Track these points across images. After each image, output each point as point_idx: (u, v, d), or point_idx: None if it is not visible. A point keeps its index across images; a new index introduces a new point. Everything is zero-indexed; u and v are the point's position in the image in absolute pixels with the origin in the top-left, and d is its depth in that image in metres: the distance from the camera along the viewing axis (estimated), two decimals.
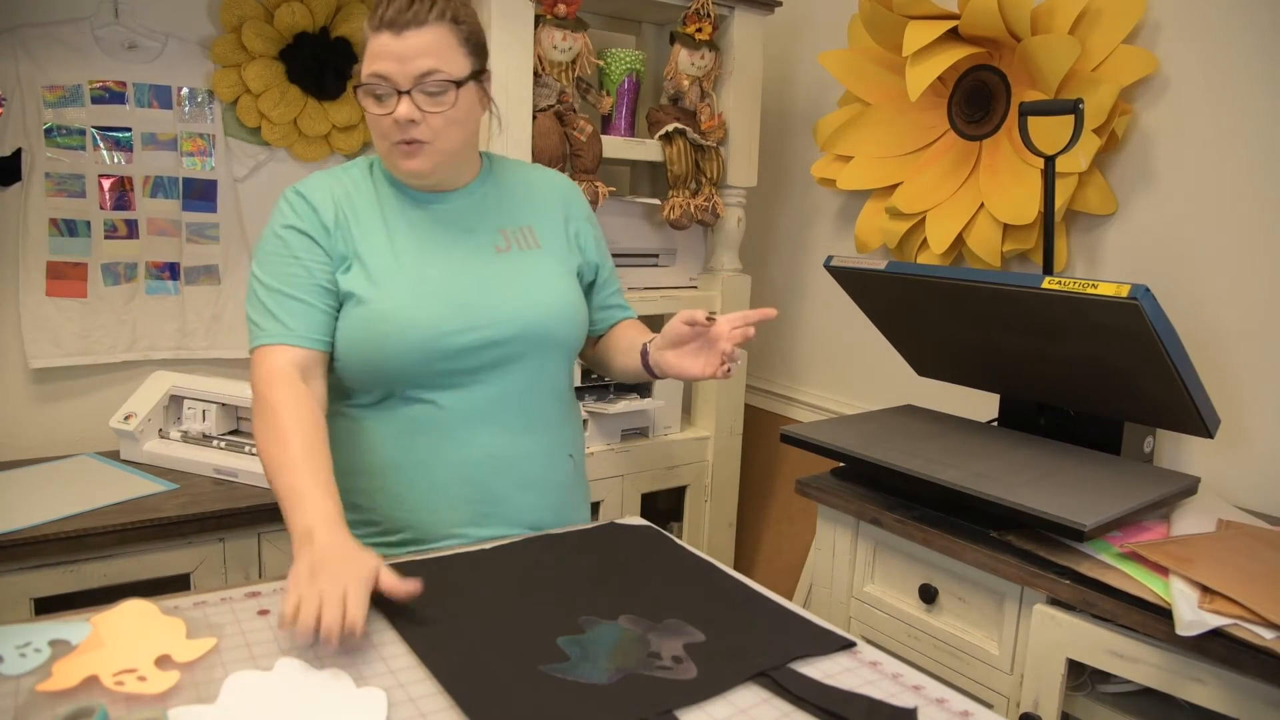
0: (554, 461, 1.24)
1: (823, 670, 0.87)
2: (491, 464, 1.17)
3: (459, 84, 1.09)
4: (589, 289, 1.33)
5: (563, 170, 1.83)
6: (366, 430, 1.17)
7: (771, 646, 0.90)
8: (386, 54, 1.07)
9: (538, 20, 1.78)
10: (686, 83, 1.99)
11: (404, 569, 1.04)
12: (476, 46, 1.14)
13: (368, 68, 1.09)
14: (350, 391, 1.18)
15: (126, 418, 1.79)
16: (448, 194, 1.20)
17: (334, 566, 0.88)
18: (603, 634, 0.90)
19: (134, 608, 0.90)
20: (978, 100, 1.78)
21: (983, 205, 1.74)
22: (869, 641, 1.11)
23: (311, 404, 1.06)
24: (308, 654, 0.85)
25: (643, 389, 2.09)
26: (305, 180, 1.18)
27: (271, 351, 1.09)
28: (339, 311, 1.14)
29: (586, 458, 1.96)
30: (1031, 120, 1.52)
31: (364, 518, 1.18)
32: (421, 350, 1.11)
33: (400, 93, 1.07)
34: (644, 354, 1.23)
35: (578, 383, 1.95)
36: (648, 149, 1.98)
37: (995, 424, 1.63)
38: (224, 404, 1.84)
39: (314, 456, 1.01)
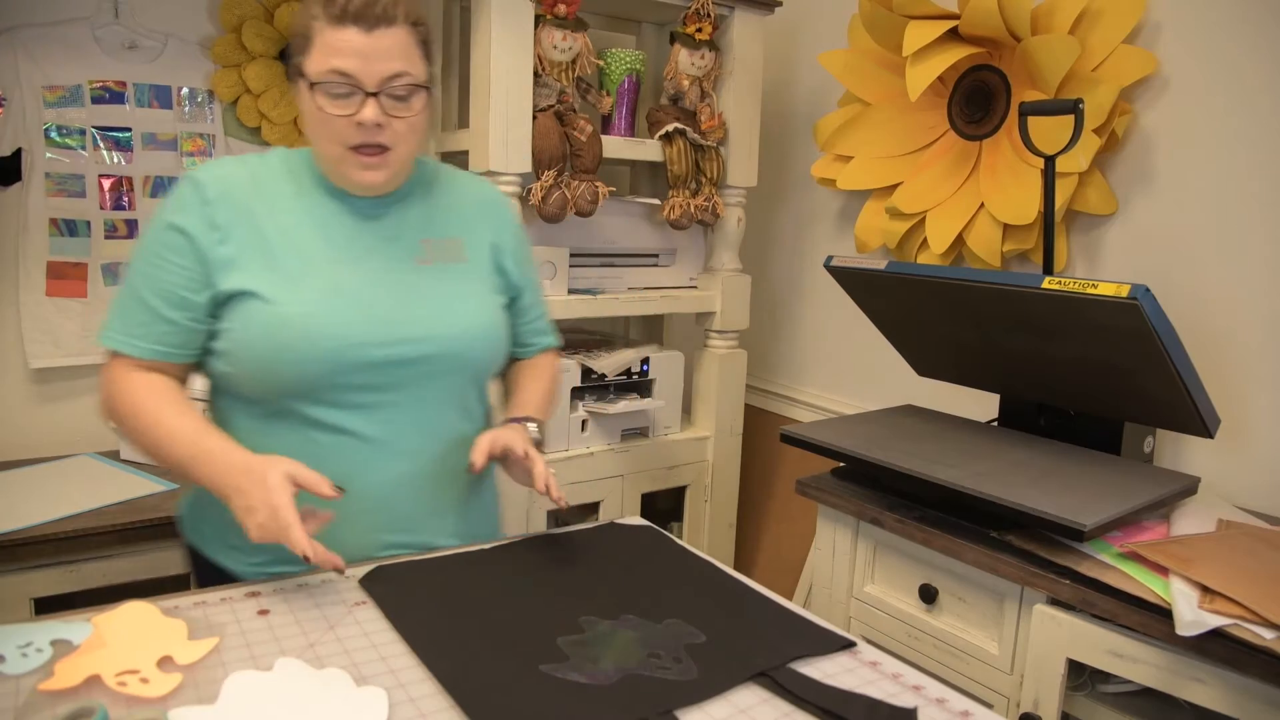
0: (467, 482, 1.16)
1: (823, 670, 0.87)
2: (404, 490, 1.09)
3: (426, 89, 1.04)
4: (511, 308, 1.23)
5: (562, 170, 1.83)
6: (261, 448, 1.00)
7: (771, 646, 0.90)
8: (352, 51, 0.98)
9: (538, 20, 1.78)
10: (686, 83, 1.99)
11: (402, 569, 1.04)
12: (429, 51, 1.07)
13: (325, 63, 0.98)
14: (243, 401, 1.07)
15: None
16: (375, 199, 1.10)
17: (259, 498, 0.92)
18: (603, 634, 0.90)
19: (135, 609, 0.90)
20: (978, 100, 1.78)
21: (983, 205, 1.74)
22: (869, 641, 1.11)
23: (158, 378, 1.03)
24: (307, 653, 0.85)
25: (642, 389, 2.09)
26: (210, 166, 1.08)
27: (117, 362, 1.04)
28: (211, 316, 1.04)
29: (588, 458, 1.99)
30: (1031, 120, 1.52)
31: (258, 545, 0.98)
32: (329, 362, 1.02)
33: (367, 94, 0.99)
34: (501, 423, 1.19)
35: (577, 382, 1.95)
36: (648, 149, 1.98)
37: (995, 424, 1.63)
38: None
39: (183, 414, 1.01)
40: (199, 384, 1.15)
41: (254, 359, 1.02)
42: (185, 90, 1.94)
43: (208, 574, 1.12)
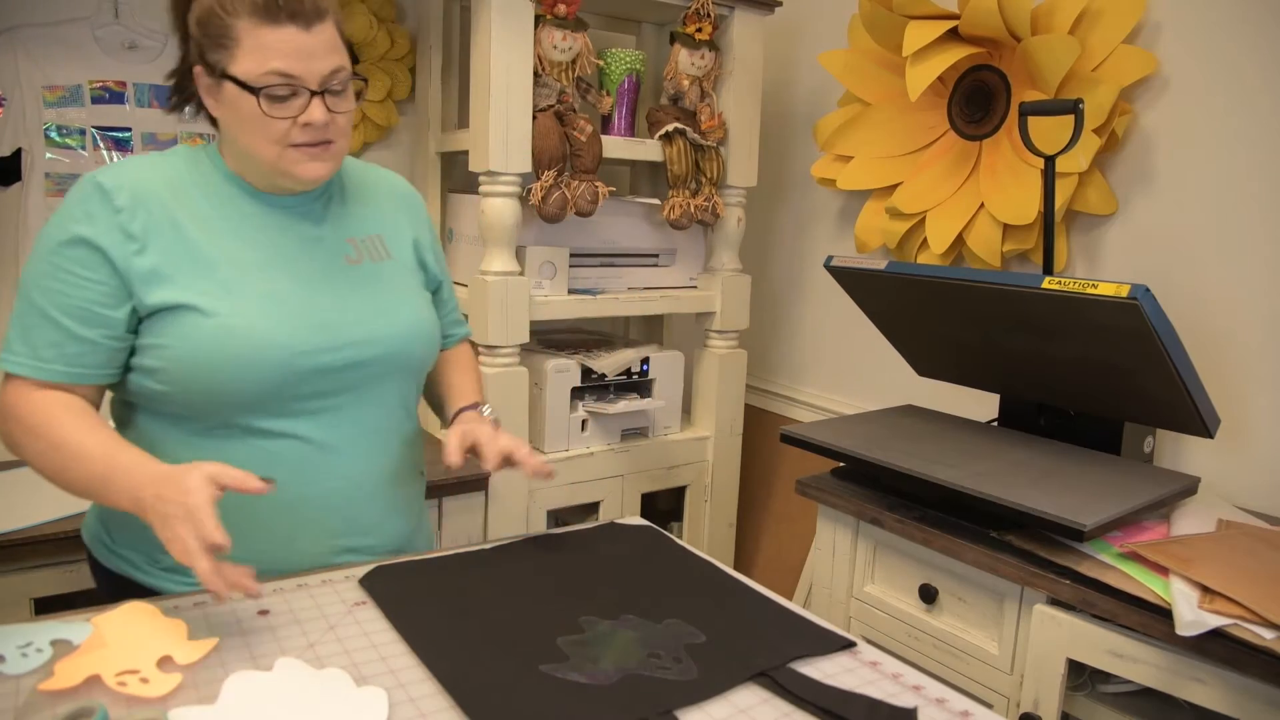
0: (412, 480, 1.16)
1: (823, 670, 0.87)
2: (358, 492, 1.07)
3: (359, 79, 1.02)
4: (435, 297, 1.23)
5: (562, 170, 1.83)
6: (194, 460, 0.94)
7: (771, 646, 0.90)
8: (292, 50, 0.93)
9: (538, 20, 1.78)
10: (686, 83, 1.99)
11: (402, 569, 1.04)
12: (346, 40, 1.03)
13: (263, 65, 0.93)
14: (175, 418, 1.01)
15: None
16: (291, 197, 1.05)
17: (177, 502, 0.83)
18: (603, 634, 0.91)
19: (135, 608, 0.90)
20: (978, 100, 1.78)
21: (983, 205, 1.74)
22: (869, 641, 1.11)
23: (63, 395, 0.95)
24: (307, 653, 0.85)
25: (642, 389, 2.09)
26: (114, 169, 0.99)
27: (16, 383, 0.96)
28: (131, 332, 0.98)
29: (588, 458, 1.99)
30: (1031, 120, 1.52)
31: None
32: (279, 372, 0.98)
33: (313, 94, 0.95)
34: (452, 417, 1.19)
35: (577, 382, 1.95)
36: (648, 149, 1.98)
37: (995, 424, 1.63)
38: None
39: (94, 431, 0.93)
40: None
41: (196, 375, 0.96)
42: None
43: (113, 594, 1.04)
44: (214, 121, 1.05)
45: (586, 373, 1.96)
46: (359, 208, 1.13)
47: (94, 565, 1.11)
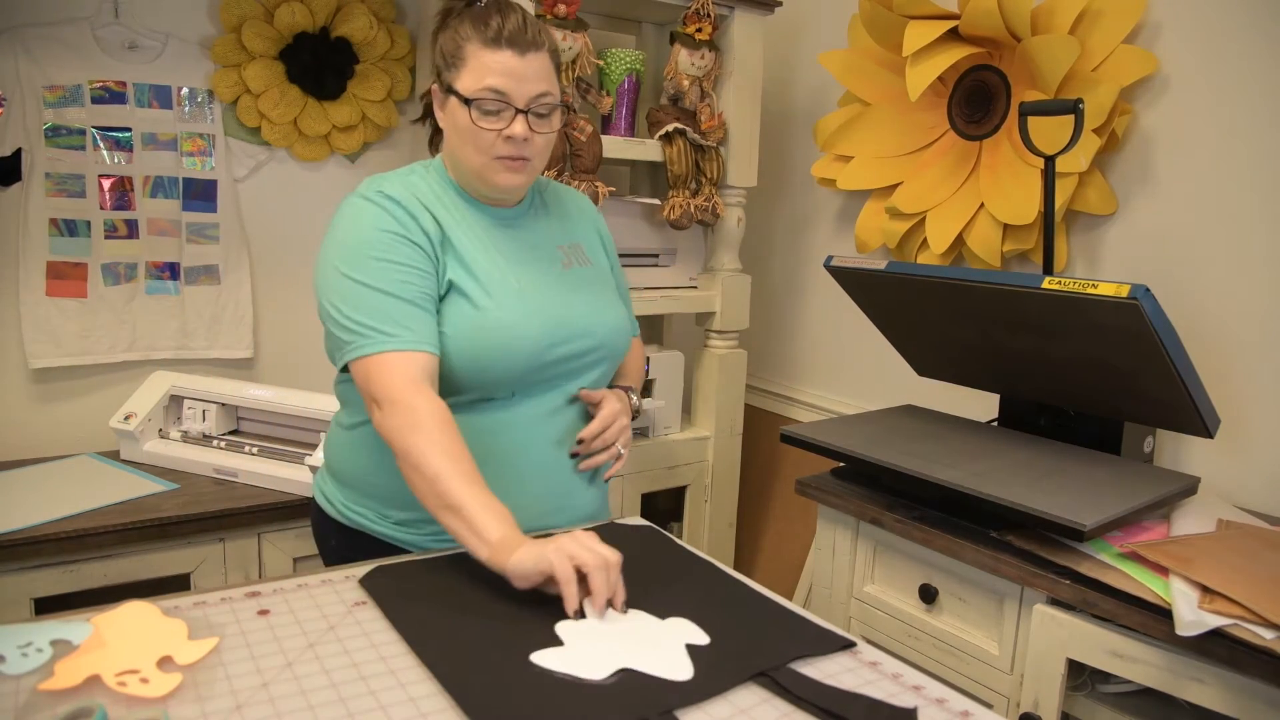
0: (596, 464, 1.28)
1: (823, 670, 0.87)
2: (563, 460, 1.21)
3: (563, 107, 1.15)
4: None
5: (562, 170, 1.83)
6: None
7: (771, 646, 0.90)
8: (506, 71, 1.08)
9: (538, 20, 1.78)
10: (686, 83, 1.99)
11: (404, 569, 1.04)
12: (559, 74, 1.18)
13: (479, 81, 1.08)
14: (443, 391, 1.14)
15: (126, 418, 1.79)
16: (510, 210, 1.22)
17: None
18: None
19: (135, 609, 0.90)
20: (978, 100, 1.78)
21: (983, 205, 1.74)
22: (869, 641, 1.11)
23: (450, 417, 1.06)
24: (307, 653, 0.85)
25: (642, 389, 2.09)
26: (384, 183, 1.14)
27: (400, 358, 1.06)
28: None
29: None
30: (1031, 120, 1.52)
31: (424, 515, 1.10)
32: (526, 360, 1.13)
33: (517, 111, 1.09)
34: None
35: None
36: (648, 149, 1.98)
37: (995, 424, 1.63)
38: (224, 404, 1.84)
39: (476, 473, 1.03)
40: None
41: (464, 358, 1.11)
42: (185, 90, 1.94)
43: (361, 550, 1.16)
44: (438, 134, 1.23)
45: None
46: (560, 220, 1.29)
47: (325, 524, 1.24)
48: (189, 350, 2.01)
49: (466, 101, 1.09)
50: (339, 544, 1.23)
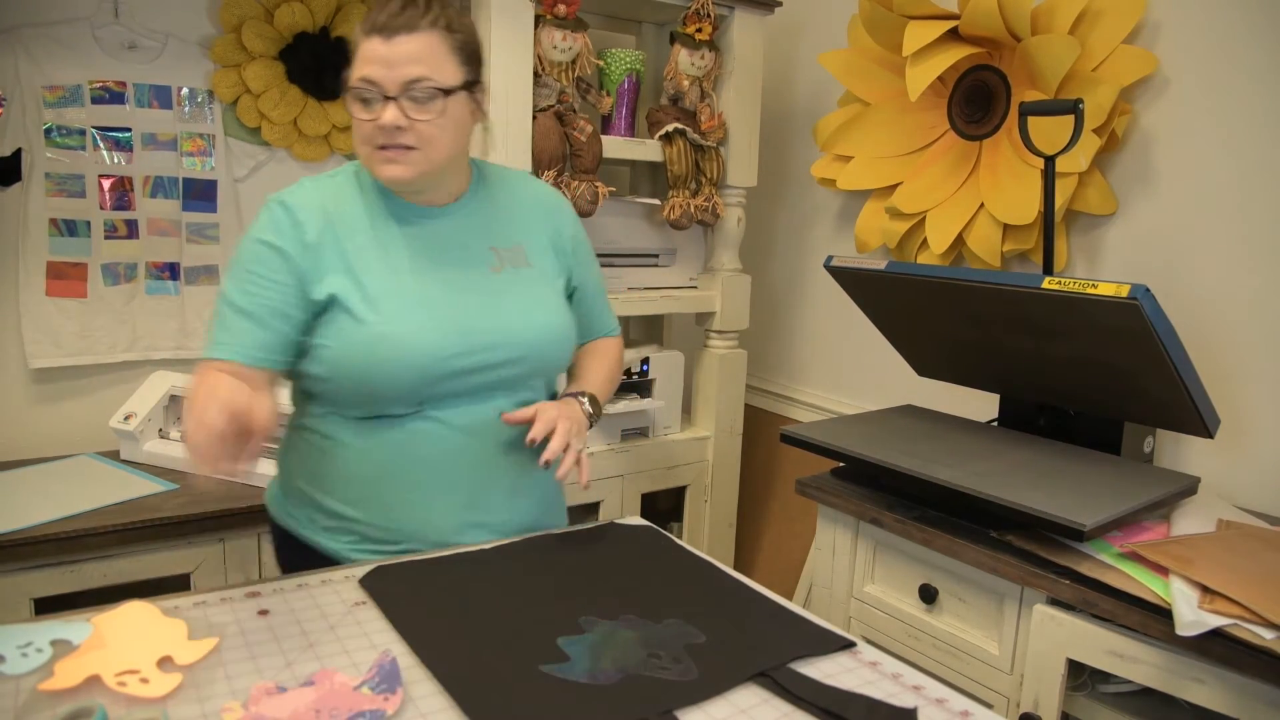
0: (538, 468, 1.19)
1: (823, 670, 0.87)
2: (482, 474, 1.17)
3: (447, 92, 1.07)
4: (571, 301, 1.30)
5: (562, 170, 1.83)
6: (355, 441, 1.14)
7: (771, 646, 0.90)
8: (375, 59, 1.05)
9: (538, 20, 1.78)
10: (686, 83, 1.99)
11: (404, 569, 1.04)
12: (470, 56, 1.12)
13: (357, 72, 1.07)
14: (338, 404, 1.14)
15: (126, 418, 1.79)
16: (439, 208, 1.17)
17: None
18: (603, 634, 0.90)
19: (135, 609, 0.90)
20: (978, 100, 1.78)
21: (983, 205, 1.74)
22: (869, 641, 1.11)
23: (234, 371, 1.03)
24: (307, 653, 0.85)
25: (642, 389, 2.09)
26: (293, 190, 1.15)
27: (212, 365, 1.05)
28: (306, 329, 1.11)
29: (588, 458, 1.98)
30: (1031, 120, 1.52)
31: (348, 526, 1.15)
32: (421, 374, 1.09)
33: (387, 98, 1.05)
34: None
35: None
36: (648, 149, 1.98)
37: (995, 424, 1.63)
38: None
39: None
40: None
41: (350, 374, 1.09)
42: (185, 90, 1.94)
43: (296, 554, 1.19)
44: None
45: None
46: (504, 218, 1.23)
47: (273, 525, 1.25)
48: (189, 350, 2.01)
49: (347, 93, 1.08)
50: (281, 547, 1.24)
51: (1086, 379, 1.39)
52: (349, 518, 1.15)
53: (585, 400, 1.24)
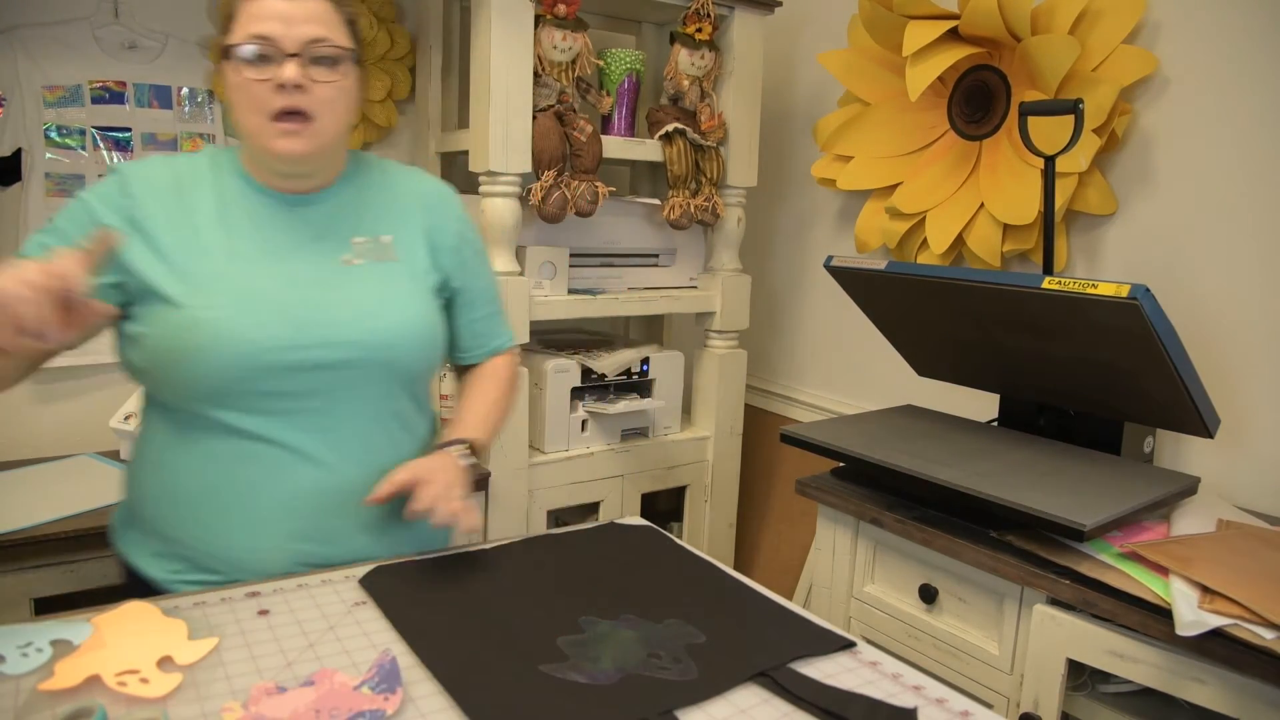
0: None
1: (823, 670, 0.87)
2: (323, 500, 1.05)
3: (346, 55, 1.02)
4: (451, 307, 1.20)
5: (562, 170, 1.83)
6: (177, 451, 1.04)
7: (771, 646, 0.90)
8: (272, 15, 0.97)
9: (538, 20, 1.78)
10: (686, 83, 1.99)
11: (402, 569, 1.04)
12: (355, 33, 1.06)
13: (246, 29, 0.98)
14: (164, 408, 1.05)
15: (126, 418, 1.79)
16: (301, 196, 1.08)
17: None
18: (603, 634, 0.90)
19: (136, 609, 0.90)
20: (978, 100, 1.78)
21: (983, 205, 1.74)
22: (869, 641, 1.11)
23: None
24: (307, 653, 0.85)
25: (642, 389, 2.09)
26: (141, 163, 1.07)
27: None
28: (124, 312, 1.02)
29: (588, 458, 1.99)
30: (1031, 120, 1.52)
31: (172, 550, 1.05)
32: (240, 367, 0.98)
33: (288, 55, 0.98)
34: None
35: (577, 382, 1.95)
36: (648, 149, 1.98)
37: (995, 424, 1.63)
38: None
39: None
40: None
41: (166, 363, 0.99)
42: (185, 90, 1.94)
43: (135, 586, 1.07)
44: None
45: (586, 373, 1.96)
46: (372, 210, 1.13)
47: (117, 554, 1.15)
48: None
49: (233, 52, 0.98)
50: (122, 576, 1.12)
51: (1086, 379, 1.39)
52: (173, 539, 1.05)
53: (461, 450, 1.11)
